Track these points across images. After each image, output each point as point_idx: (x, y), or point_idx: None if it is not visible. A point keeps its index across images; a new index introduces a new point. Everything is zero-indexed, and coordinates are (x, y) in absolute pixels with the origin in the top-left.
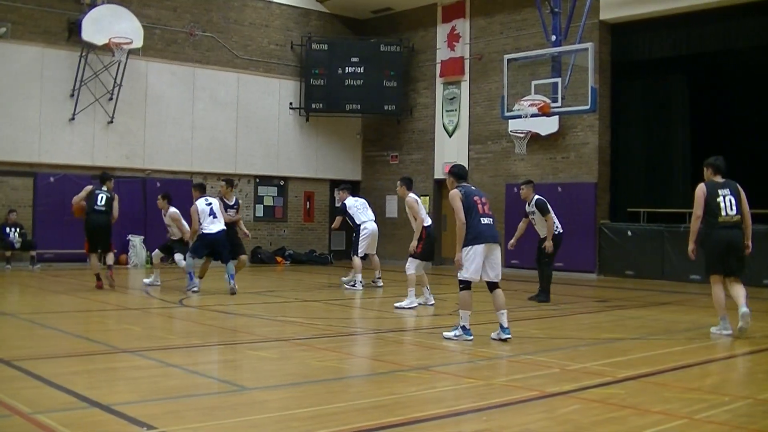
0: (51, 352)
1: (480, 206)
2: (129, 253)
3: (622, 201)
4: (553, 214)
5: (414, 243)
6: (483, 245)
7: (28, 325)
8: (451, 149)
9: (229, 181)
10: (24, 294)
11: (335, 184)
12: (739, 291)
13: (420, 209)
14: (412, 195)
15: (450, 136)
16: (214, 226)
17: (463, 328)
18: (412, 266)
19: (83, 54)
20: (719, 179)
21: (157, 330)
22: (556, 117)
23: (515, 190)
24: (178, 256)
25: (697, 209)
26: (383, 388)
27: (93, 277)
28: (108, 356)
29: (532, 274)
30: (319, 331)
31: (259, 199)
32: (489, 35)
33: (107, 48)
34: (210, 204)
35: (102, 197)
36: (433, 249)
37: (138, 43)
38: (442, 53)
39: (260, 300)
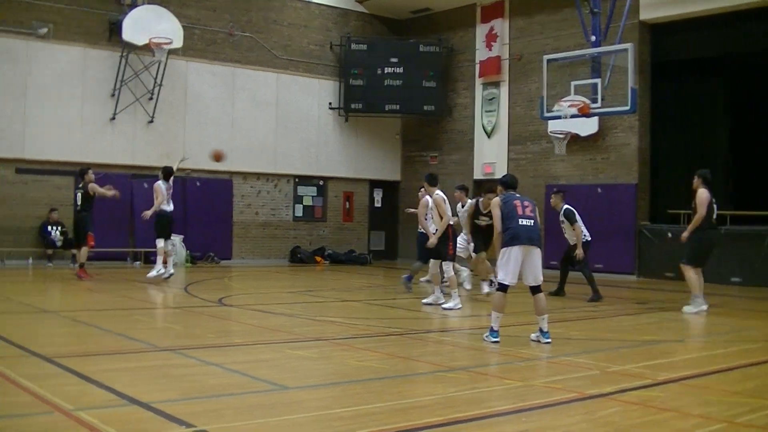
0: (92, 350)
1: (520, 208)
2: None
3: (662, 202)
4: (580, 223)
5: (434, 240)
6: (519, 247)
7: (69, 323)
8: (490, 150)
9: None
10: (65, 292)
11: (374, 184)
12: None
13: (447, 208)
14: (439, 193)
15: (489, 137)
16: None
17: (491, 329)
18: (450, 268)
19: (124, 54)
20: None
21: (198, 329)
22: (596, 118)
23: (554, 190)
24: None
25: (702, 209)
26: (423, 388)
27: (132, 276)
28: (149, 354)
29: (571, 275)
30: (359, 331)
31: (298, 199)
32: (528, 35)
33: (148, 48)
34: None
35: (78, 196)
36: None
37: (178, 43)
38: (481, 53)
39: (300, 300)
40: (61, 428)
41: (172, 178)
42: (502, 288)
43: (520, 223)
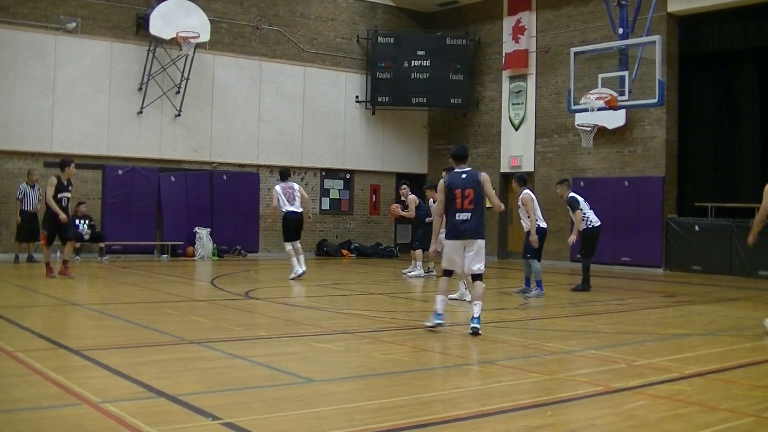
0: (119, 343)
1: (459, 200)
2: (196, 245)
3: (689, 195)
4: (585, 210)
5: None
6: (456, 241)
7: (97, 316)
8: (517, 143)
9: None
10: (93, 285)
11: (401, 177)
12: None
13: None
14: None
15: (516, 130)
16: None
17: (435, 312)
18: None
19: (151, 48)
20: None
21: (225, 322)
22: (623, 111)
23: (581, 184)
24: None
25: None
26: (448, 381)
27: (160, 269)
28: (175, 347)
29: (598, 268)
30: (385, 324)
31: (325, 192)
32: (556, 28)
33: (175, 42)
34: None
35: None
36: None
37: (205, 37)
38: (508, 46)
39: (326, 292)
40: (89, 420)
41: (289, 178)
42: (444, 273)
43: (457, 217)
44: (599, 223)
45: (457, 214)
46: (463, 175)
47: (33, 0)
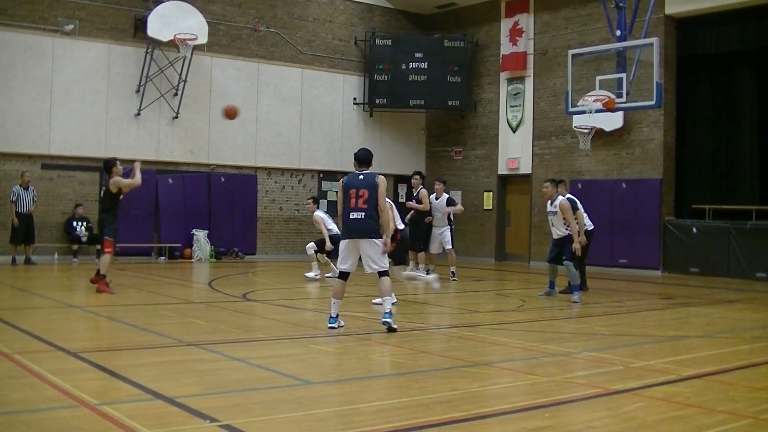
0: (117, 345)
1: (353, 200)
2: (193, 248)
3: (687, 197)
4: (582, 212)
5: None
6: (348, 240)
7: (94, 318)
8: (515, 145)
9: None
10: (91, 287)
11: (399, 179)
12: None
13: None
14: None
15: (514, 132)
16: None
17: (330, 316)
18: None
19: (149, 50)
20: None
21: (222, 324)
22: (621, 113)
23: (579, 186)
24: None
25: None
26: (446, 383)
27: (157, 272)
28: (173, 349)
29: (596, 270)
30: (382, 326)
31: (322, 195)
32: (553, 30)
33: (173, 44)
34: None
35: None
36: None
37: (203, 38)
38: (505, 48)
39: (323, 294)
40: (86, 422)
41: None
42: (340, 275)
43: (350, 216)
44: (592, 226)
45: (351, 213)
46: (361, 177)
47: (31, 2)
